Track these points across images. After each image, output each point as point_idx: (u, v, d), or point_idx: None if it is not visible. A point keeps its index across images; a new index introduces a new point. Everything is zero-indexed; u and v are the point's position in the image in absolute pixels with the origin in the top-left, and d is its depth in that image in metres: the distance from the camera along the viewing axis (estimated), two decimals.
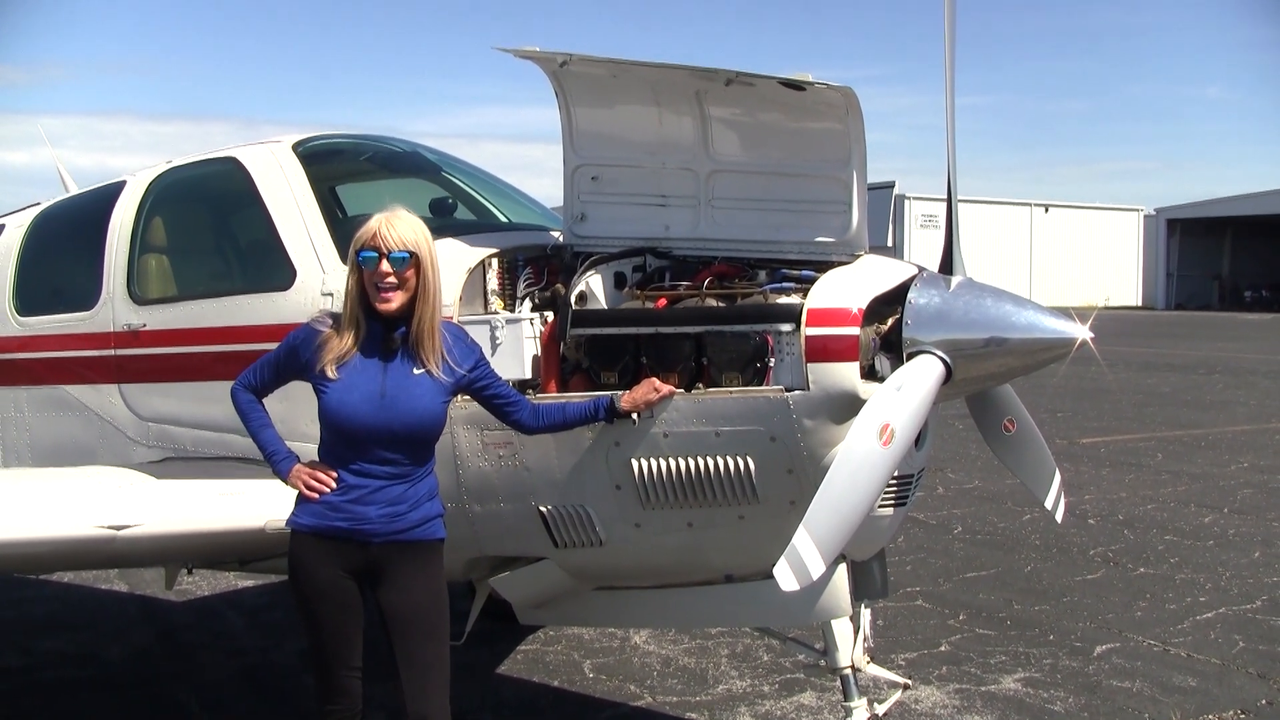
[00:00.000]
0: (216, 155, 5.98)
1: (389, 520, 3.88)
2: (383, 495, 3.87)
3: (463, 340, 4.10)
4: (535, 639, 7.31)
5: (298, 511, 3.97)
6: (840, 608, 4.61)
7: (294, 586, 3.99)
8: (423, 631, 3.93)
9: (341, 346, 3.88)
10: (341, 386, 3.84)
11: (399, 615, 3.92)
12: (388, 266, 3.82)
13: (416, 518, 3.93)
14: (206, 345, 5.44)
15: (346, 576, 3.91)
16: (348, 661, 3.96)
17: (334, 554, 3.89)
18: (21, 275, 6.47)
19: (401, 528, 3.90)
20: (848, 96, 4.29)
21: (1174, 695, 6.31)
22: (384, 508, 3.87)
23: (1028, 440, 5.16)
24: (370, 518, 3.86)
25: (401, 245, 3.83)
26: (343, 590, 3.92)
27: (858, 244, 4.52)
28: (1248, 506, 11.37)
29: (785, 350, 4.32)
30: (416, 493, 3.94)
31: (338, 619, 3.93)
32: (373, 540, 3.88)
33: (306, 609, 3.96)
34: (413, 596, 3.92)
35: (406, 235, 3.86)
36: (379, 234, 3.84)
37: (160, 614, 8.10)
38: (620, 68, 4.68)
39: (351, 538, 3.87)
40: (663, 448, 4.39)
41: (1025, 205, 69.09)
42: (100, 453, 5.80)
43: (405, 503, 3.90)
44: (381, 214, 3.91)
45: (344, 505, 3.87)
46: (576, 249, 4.94)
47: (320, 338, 3.91)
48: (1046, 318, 4.26)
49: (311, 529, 3.91)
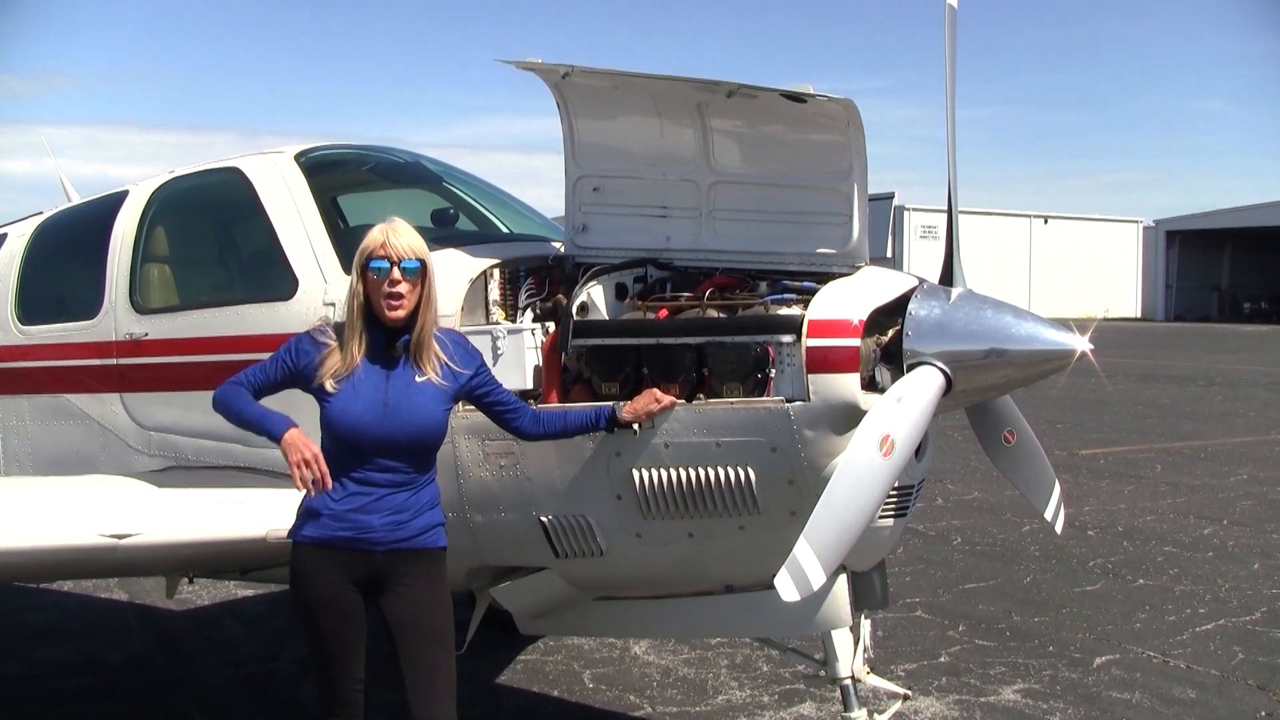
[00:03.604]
0: (219, 165, 6.00)
1: (392, 529, 3.89)
2: (385, 504, 3.89)
3: (463, 347, 4.12)
4: (535, 649, 7.31)
5: (300, 523, 3.97)
6: (840, 618, 4.61)
7: (296, 598, 3.98)
8: (427, 637, 3.94)
9: (345, 358, 3.89)
10: (344, 396, 3.85)
11: (403, 621, 3.93)
12: (398, 275, 3.85)
13: (419, 526, 3.94)
14: (208, 355, 5.45)
15: (350, 587, 3.92)
16: (350, 673, 3.96)
17: (337, 564, 3.89)
18: (24, 284, 6.49)
19: (404, 536, 3.91)
20: (849, 109, 4.31)
21: (1173, 707, 6.32)
22: (387, 516, 3.88)
23: (1027, 451, 5.16)
24: (374, 526, 3.87)
25: (411, 254, 3.88)
26: (346, 601, 3.92)
27: (858, 256, 4.54)
28: (1247, 518, 11.37)
29: (786, 361, 4.33)
30: (419, 501, 3.95)
31: (340, 630, 3.93)
32: (376, 549, 3.89)
33: (309, 620, 3.96)
34: (417, 602, 3.93)
35: (415, 244, 3.91)
36: (388, 244, 3.87)
37: (160, 622, 8.11)
38: (622, 80, 4.70)
39: (355, 547, 3.88)
40: (664, 458, 4.40)
41: (1025, 216, 69.10)
42: (102, 462, 5.81)
43: (408, 511, 3.92)
44: (382, 225, 3.94)
45: (347, 515, 3.87)
46: (578, 260, 4.95)
47: (323, 351, 3.92)
48: (1046, 329, 4.27)
49: (314, 540, 3.91)
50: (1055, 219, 70.61)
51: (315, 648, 3.99)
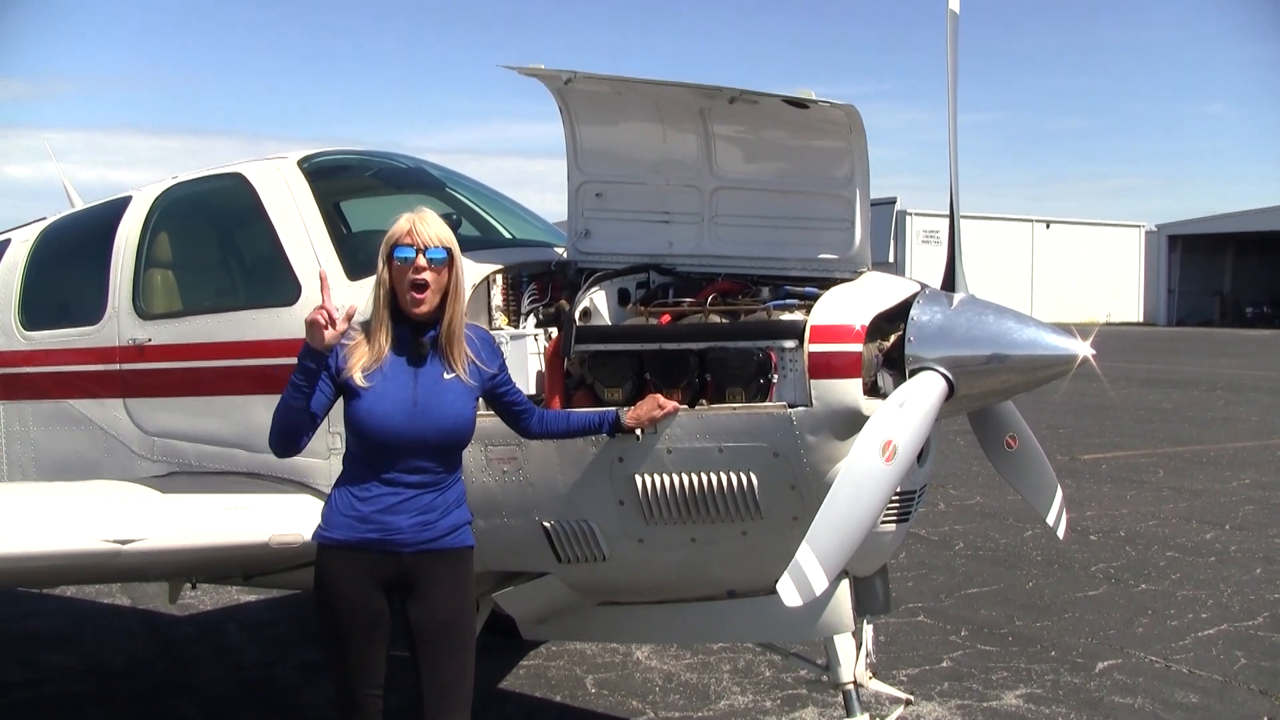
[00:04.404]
0: (222, 171, 6.01)
1: (420, 529, 3.81)
2: (413, 504, 3.80)
3: (489, 343, 4.08)
4: (537, 654, 7.31)
5: (325, 524, 3.87)
6: (842, 623, 4.62)
7: (320, 602, 3.88)
8: (449, 647, 3.86)
9: (371, 352, 3.80)
10: (372, 395, 3.76)
11: (426, 630, 3.85)
12: (424, 262, 3.76)
13: (446, 525, 3.86)
14: (211, 360, 5.46)
15: (376, 591, 3.82)
16: (369, 679, 3.86)
17: (364, 567, 3.80)
18: (27, 290, 6.50)
19: (432, 536, 3.83)
20: (850, 114, 4.33)
21: (1176, 712, 6.31)
22: (414, 517, 3.80)
23: (1029, 456, 5.16)
24: (401, 528, 3.79)
25: (438, 242, 3.78)
26: (370, 606, 3.83)
27: (860, 261, 4.55)
28: (1249, 523, 11.36)
29: (788, 366, 4.34)
30: (446, 500, 3.87)
31: (363, 638, 3.84)
32: (404, 550, 3.80)
33: (333, 626, 3.86)
34: (441, 611, 3.85)
35: (441, 232, 3.81)
36: (414, 231, 3.77)
37: (163, 628, 8.10)
38: (624, 85, 4.71)
39: (382, 549, 3.79)
40: (666, 463, 4.41)
41: (1027, 221, 69.13)
42: (105, 467, 5.81)
43: (435, 510, 3.84)
44: (409, 214, 3.84)
45: (374, 516, 3.78)
46: (580, 265, 4.96)
47: (350, 346, 3.81)
48: (1048, 334, 4.28)
49: (340, 542, 3.82)
50: (1057, 224, 70.65)
51: (335, 652, 3.89)
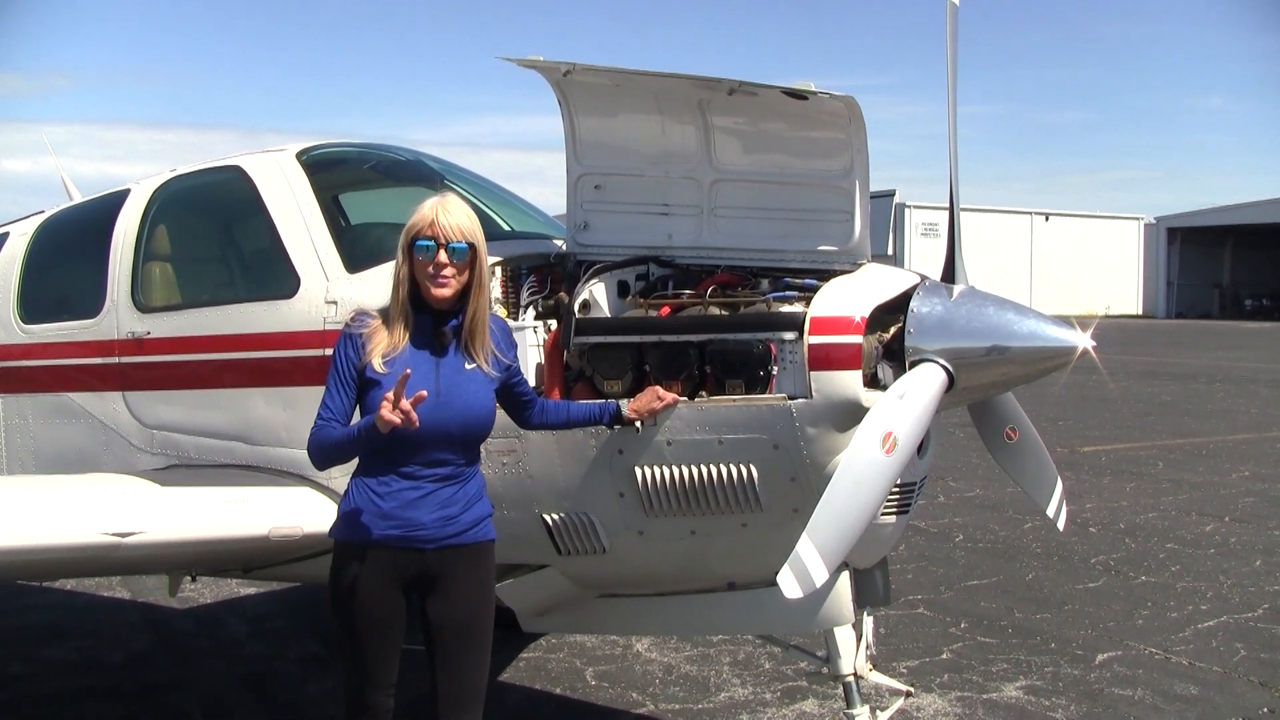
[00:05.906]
0: (220, 164, 6.00)
1: (442, 524, 3.73)
2: (435, 499, 3.72)
3: (508, 334, 4.03)
4: (537, 646, 7.32)
5: (342, 521, 3.79)
6: (843, 615, 4.62)
7: (335, 600, 3.79)
8: (468, 645, 3.81)
9: (391, 340, 3.71)
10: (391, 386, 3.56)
11: (446, 629, 3.78)
12: (445, 257, 3.67)
13: (469, 519, 3.79)
14: (210, 353, 5.45)
15: (394, 590, 3.75)
16: (381, 679, 3.79)
17: (384, 565, 3.72)
18: (26, 283, 6.50)
19: (455, 531, 3.76)
20: (850, 106, 4.31)
21: (1175, 703, 6.32)
22: (436, 511, 3.72)
23: (1029, 448, 5.16)
24: (424, 523, 3.71)
25: (461, 235, 3.68)
26: (387, 606, 3.75)
27: (860, 253, 4.54)
28: (1249, 515, 11.37)
29: (788, 358, 4.33)
30: (467, 493, 3.80)
31: (378, 639, 3.76)
32: (426, 546, 3.72)
33: (348, 626, 3.77)
34: (462, 610, 3.79)
35: (464, 224, 3.70)
36: (436, 223, 3.67)
37: (162, 621, 8.11)
38: (623, 77, 4.70)
39: (404, 545, 3.71)
40: (666, 455, 4.41)
41: (1026, 214, 69.17)
42: (104, 460, 5.81)
43: (457, 504, 3.76)
44: (433, 200, 3.74)
45: (394, 512, 3.69)
46: (580, 257, 4.95)
47: (366, 332, 3.73)
48: (1048, 326, 4.27)
49: (359, 540, 3.73)
50: (1056, 216, 70.67)
51: (348, 651, 3.81)
